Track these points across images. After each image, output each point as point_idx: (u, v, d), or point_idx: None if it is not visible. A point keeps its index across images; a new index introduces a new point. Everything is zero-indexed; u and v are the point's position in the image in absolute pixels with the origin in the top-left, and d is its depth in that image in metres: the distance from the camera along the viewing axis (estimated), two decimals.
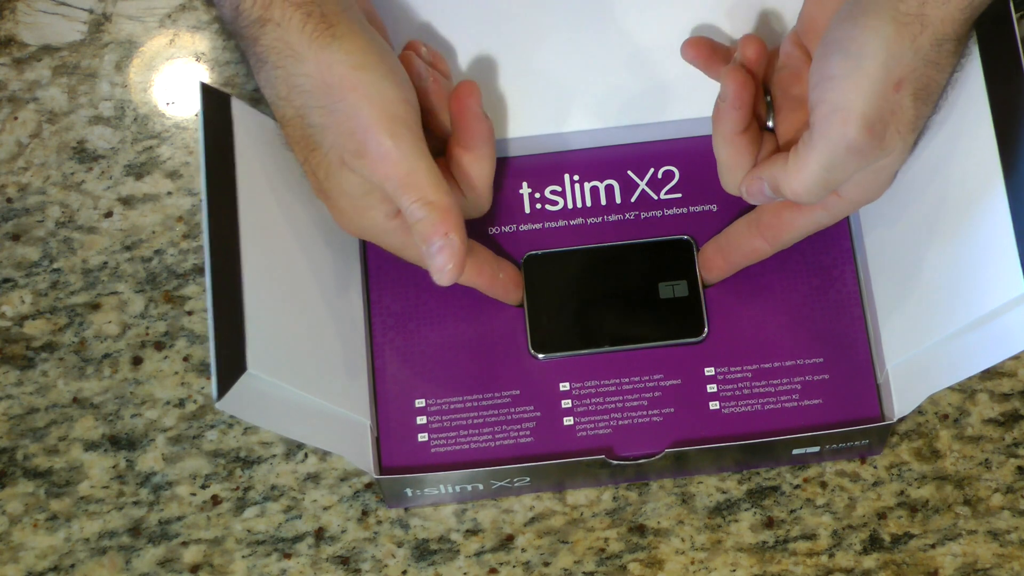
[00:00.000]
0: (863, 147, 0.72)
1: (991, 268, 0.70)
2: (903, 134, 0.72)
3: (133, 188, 0.88)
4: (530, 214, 0.83)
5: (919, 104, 0.72)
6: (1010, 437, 0.83)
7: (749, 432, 0.79)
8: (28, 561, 0.82)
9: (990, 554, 0.81)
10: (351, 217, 0.76)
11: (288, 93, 0.73)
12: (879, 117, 0.71)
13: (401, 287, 0.82)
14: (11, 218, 0.88)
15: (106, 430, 0.84)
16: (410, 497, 0.81)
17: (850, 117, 0.71)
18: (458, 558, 0.82)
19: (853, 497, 0.82)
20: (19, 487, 0.84)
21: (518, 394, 0.81)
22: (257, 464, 0.84)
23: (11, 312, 0.86)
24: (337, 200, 0.75)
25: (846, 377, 0.80)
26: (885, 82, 0.71)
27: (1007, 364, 0.84)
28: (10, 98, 0.90)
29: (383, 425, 0.80)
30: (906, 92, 0.71)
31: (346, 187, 0.74)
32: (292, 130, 0.74)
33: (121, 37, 0.91)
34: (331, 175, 0.74)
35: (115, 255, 0.87)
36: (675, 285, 0.81)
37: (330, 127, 0.72)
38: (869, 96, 0.71)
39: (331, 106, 0.72)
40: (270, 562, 0.82)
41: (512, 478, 0.80)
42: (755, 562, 0.82)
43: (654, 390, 0.80)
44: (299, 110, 0.73)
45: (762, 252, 0.80)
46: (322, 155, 0.74)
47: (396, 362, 0.81)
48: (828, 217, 0.78)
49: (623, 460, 0.79)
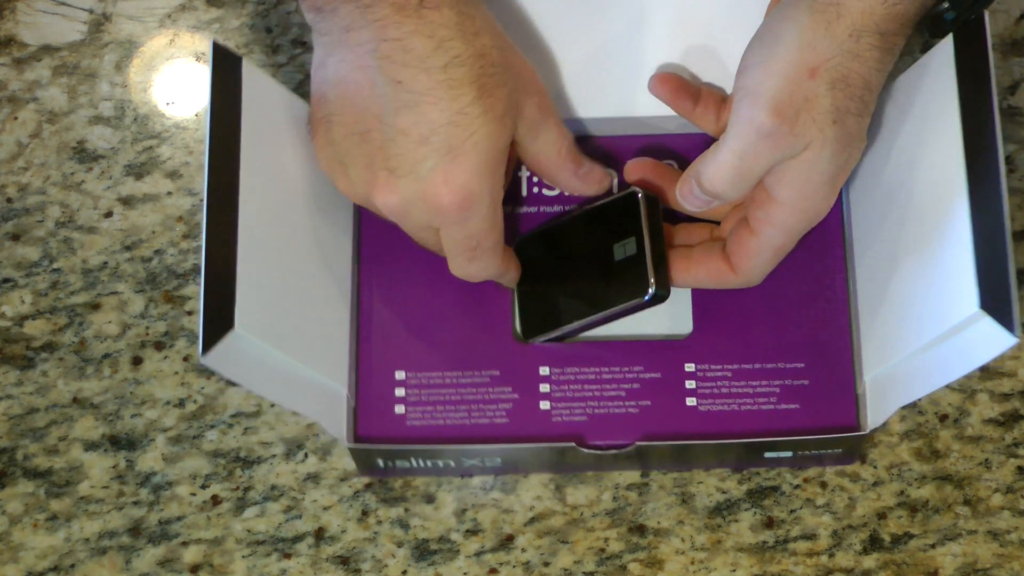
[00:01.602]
0: (772, 131, 0.71)
1: (953, 284, 0.70)
2: (819, 123, 0.71)
3: (133, 188, 0.88)
4: (527, 197, 0.84)
5: (836, 93, 0.71)
6: (1010, 437, 0.83)
7: (722, 431, 0.79)
8: (28, 561, 0.82)
9: (990, 554, 0.81)
10: (475, 174, 0.72)
11: (478, 30, 0.72)
12: (790, 101, 0.71)
13: (392, 260, 0.82)
14: (11, 218, 0.88)
15: (106, 430, 0.84)
16: (382, 468, 0.81)
17: (759, 101, 0.71)
18: (458, 558, 0.82)
19: (853, 497, 0.82)
20: (19, 487, 0.84)
21: (498, 375, 0.81)
22: (257, 464, 0.84)
23: (11, 312, 0.86)
24: (486, 154, 0.72)
25: (826, 385, 0.80)
26: (798, 67, 0.71)
27: (1007, 364, 0.84)
28: (10, 98, 0.90)
29: (362, 394, 0.81)
30: (821, 80, 0.71)
31: (506, 135, 0.73)
32: (466, 70, 0.71)
33: (121, 37, 0.91)
34: (506, 118, 0.73)
35: (115, 255, 0.87)
36: (626, 244, 0.79)
37: (512, 68, 0.74)
38: (779, 80, 0.71)
39: (506, 49, 0.74)
40: (270, 562, 0.82)
41: (484, 458, 0.80)
42: (755, 562, 0.82)
43: (633, 381, 0.81)
44: (481, 49, 0.72)
45: (725, 276, 0.78)
46: (505, 95, 0.72)
47: (381, 333, 0.81)
48: (779, 234, 0.76)
49: (593, 449, 0.79)
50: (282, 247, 0.76)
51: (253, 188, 0.73)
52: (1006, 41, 0.90)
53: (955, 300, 0.70)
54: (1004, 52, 0.89)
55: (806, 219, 0.75)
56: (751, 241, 0.76)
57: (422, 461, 0.80)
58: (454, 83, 0.71)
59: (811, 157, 0.73)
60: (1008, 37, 0.90)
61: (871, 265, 0.79)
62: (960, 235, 0.70)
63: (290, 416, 0.84)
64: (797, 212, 0.75)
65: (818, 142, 0.72)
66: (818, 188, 0.74)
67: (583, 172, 0.79)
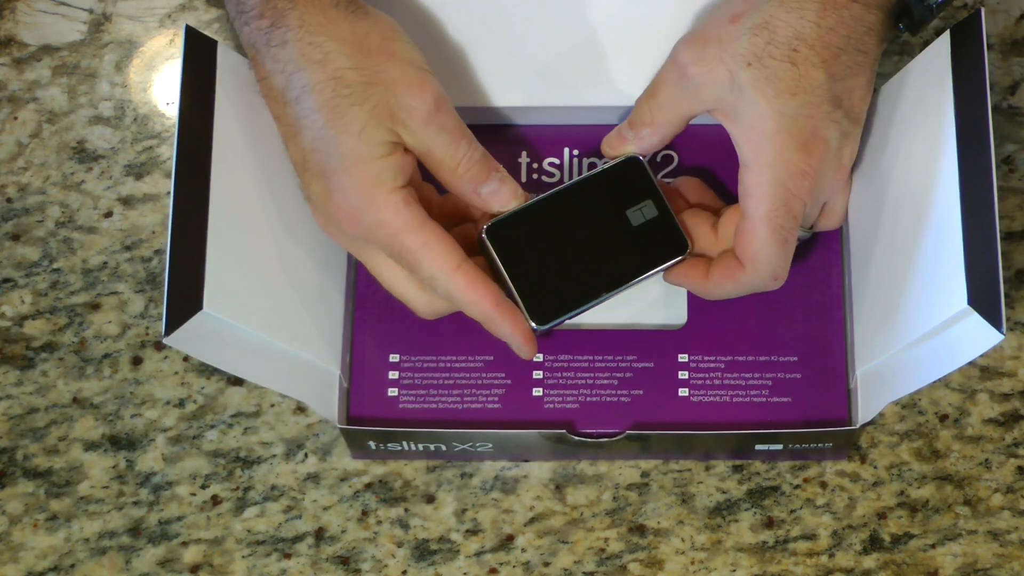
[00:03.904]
0: (678, 59, 0.75)
1: (943, 280, 0.71)
2: (728, 63, 0.74)
3: (133, 188, 0.88)
4: (526, 183, 0.83)
5: (755, 38, 0.73)
6: (1010, 437, 0.83)
7: (713, 422, 0.80)
8: (28, 561, 0.82)
9: (990, 554, 0.81)
10: (356, 188, 0.74)
11: (323, 58, 0.73)
12: (702, 37, 0.75)
13: None
14: (11, 218, 0.88)
15: (106, 430, 0.84)
16: (373, 450, 0.82)
17: (681, 39, 0.76)
18: (458, 558, 0.82)
19: (853, 497, 0.82)
20: (19, 487, 0.84)
21: (491, 360, 0.81)
22: (257, 464, 0.84)
23: (11, 312, 0.86)
24: (350, 170, 0.73)
25: (818, 379, 0.80)
26: (723, 14, 0.75)
27: (1007, 364, 0.84)
28: (10, 98, 0.90)
29: (355, 376, 0.81)
30: (742, 25, 0.74)
31: (373, 147, 0.73)
32: (319, 96, 0.73)
33: (121, 37, 0.91)
34: (365, 134, 0.73)
35: (115, 255, 0.87)
36: (643, 208, 0.78)
37: (376, 84, 0.73)
38: (705, 22, 0.77)
39: (371, 67, 0.73)
40: (270, 562, 0.82)
41: (475, 443, 0.80)
42: (755, 562, 0.82)
43: (626, 370, 0.81)
44: (335, 72, 0.73)
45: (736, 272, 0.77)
46: (363, 112, 0.73)
47: (376, 316, 0.82)
48: (760, 203, 0.74)
49: (583, 437, 0.79)
50: (261, 230, 0.76)
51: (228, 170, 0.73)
52: (1006, 41, 0.90)
53: (944, 296, 0.70)
54: (1004, 52, 0.89)
55: (775, 176, 0.74)
56: (744, 223, 0.76)
57: (413, 444, 0.81)
58: (305, 112, 0.73)
59: (736, 100, 0.74)
60: (1008, 37, 0.90)
61: (865, 260, 0.79)
62: (951, 232, 0.70)
63: (290, 416, 0.84)
64: (763, 169, 0.74)
65: (729, 82, 0.74)
66: (771, 137, 0.73)
67: (486, 191, 0.75)
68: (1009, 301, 0.85)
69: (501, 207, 0.76)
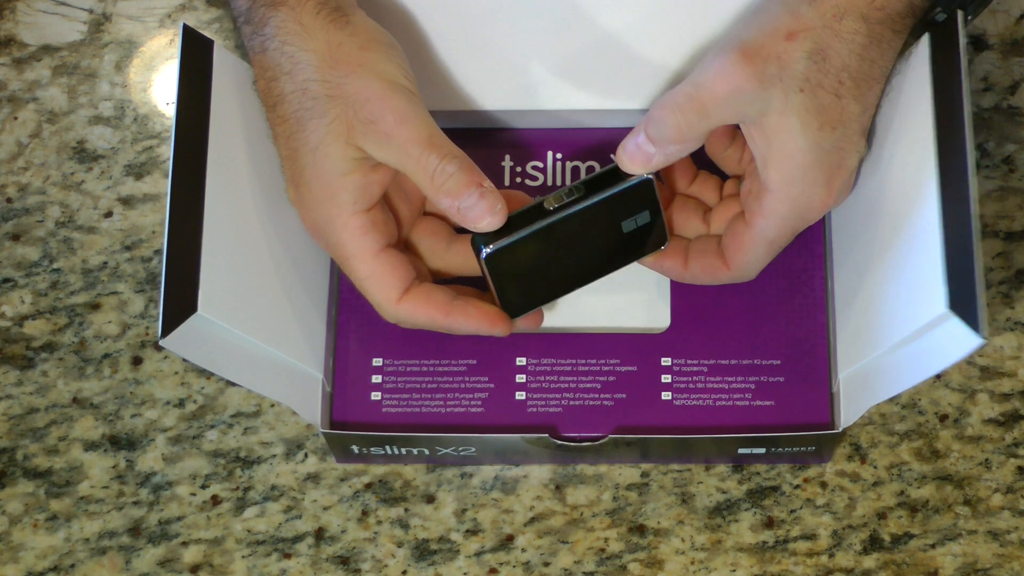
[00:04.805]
0: (734, 69, 0.71)
1: (923, 285, 0.71)
2: (785, 84, 0.71)
3: (133, 188, 0.88)
4: (508, 187, 0.83)
5: (811, 64, 0.71)
6: (1010, 437, 0.83)
7: (696, 426, 0.80)
8: (28, 561, 0.82)
9: (990, 554, 0.81)
10: (315, 204, 0.74)
11: (292, 68, 0.73)
12: (759, 50, 0.71)
13: None
14: (11, 218, 0.88)
15: (106, 430, 0.84)
16: (356, 454, 0.82)
17: (731, 44, 0.72)
18: (458, 558, 0.82)
19: (853, 497, 0.82)
20: (19, 487, 0.84)
21: (474, 364, 0.81)
22: (257, 464, 0.84)
23: (11, 312, 0.86)
24: (310, 184, 0.74)
25: (801, 382, 0.80)
26: (777, 27, 0.72)
27: (1007, 364, 0.84)
28: (10, 98, 0.90)
29: (338, 380, 0.81)
30: (799, 45, 0.71)
31: (330, 164, 0.73)
32: (288, 106, 0.74)
33: (121, 37, 0.91)
34: (320, 150, 0.73)
35: (115, 255, 0.87)
36: (638, 216, 0.76)
37: (338, 97, 0.73)
38: (756, 32, 0.72)
39: (337, 80, 0.73)
40: (270, 562, 0.82)
41: (457, 447, 0.80)
42: (755, 562, 0.82)
43: (609, 374, 0.81)
44: (302, 83, 0.73)
45: (719, 271, 0.78)
46: (321, 127, 0.73)
47: (359, 320, 0.82)
48: (772, 225, 0.75)
49: (566, 441, 0.79)
50: (253, 232, 0.76)
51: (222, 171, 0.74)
52: (1006, 41, 0.90)
53: (924, 300, 0.70)
54: (1004, 52, 0.89)
55: (796, 208, 0.74)
56: (745, 234, 0.76)
57: (396, 448, 0.81)
58: (279, 120, 0.74)
59: (779, 125, 0.72)
60: (1008, 37, 0.90)
61: (847, 264, 0.79)
62: (930, 236, 0.70)
63: (290, 416, 0.84)
64: (787, 199, 0.74)
65: (781, 104, 0.71)
66: (804, 172, 0.73)
67: (463, 206, 0.72)
68: (1009, 301, 0.85)
69: (474, 223, 0.72)
